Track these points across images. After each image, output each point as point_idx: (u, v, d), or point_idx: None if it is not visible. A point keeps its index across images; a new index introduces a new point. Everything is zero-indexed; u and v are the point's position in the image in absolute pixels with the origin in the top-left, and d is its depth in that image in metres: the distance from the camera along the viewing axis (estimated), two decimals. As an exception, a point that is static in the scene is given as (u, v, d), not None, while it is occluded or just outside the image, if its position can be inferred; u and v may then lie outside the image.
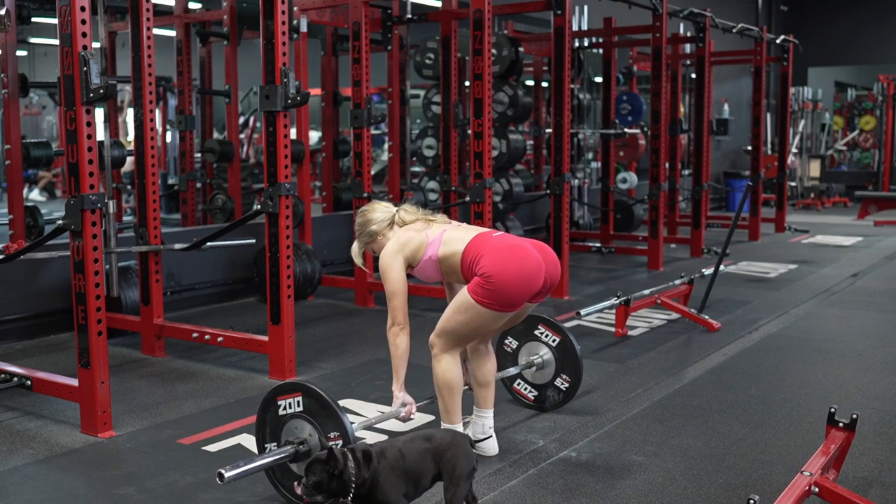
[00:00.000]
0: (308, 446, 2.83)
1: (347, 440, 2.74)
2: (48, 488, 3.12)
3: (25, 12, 6.02)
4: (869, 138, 16.58)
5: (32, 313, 5.42)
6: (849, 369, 4.69)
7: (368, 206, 3.36)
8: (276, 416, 2.91)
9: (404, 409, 3.17)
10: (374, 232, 3.29)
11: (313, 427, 2.82)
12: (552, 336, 3.78)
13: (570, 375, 3.80)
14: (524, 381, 3.92)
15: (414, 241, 3.19)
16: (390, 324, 3.14)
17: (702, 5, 9.35)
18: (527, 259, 3.06)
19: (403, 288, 3.15)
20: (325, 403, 2.80)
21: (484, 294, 3.02)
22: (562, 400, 3.85)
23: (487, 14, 5.59)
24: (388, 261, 3.17)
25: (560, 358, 3.79)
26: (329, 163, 8.20)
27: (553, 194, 6.59)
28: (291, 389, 2.87)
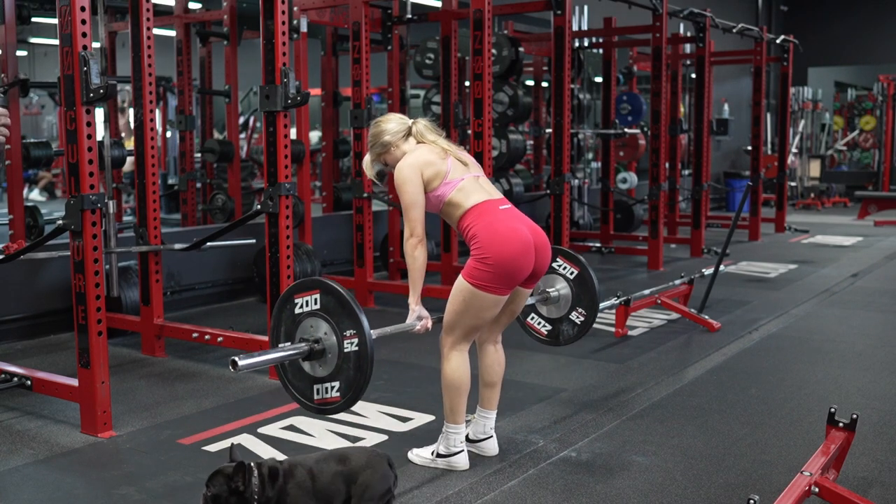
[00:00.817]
0: (323, 345, 2.80)
1: (364, 339, 2.72)
2: (48, 488, 3.12)
3: (25, 12, 6.02)
4: (869, 138, 16.58)
5: (32, 313, 5.43)
6: (849, 369, 4.69)
7: (382, 117, 3.26)
8: (293, 315, 2.87)
9: (419, 324, 3.16)
10: (388, 143, 3.21)
11: (329, 325, 2.79)
12: (570, 268, 3.71)
13: (587, 309, 3.71)
14: (538, 315, 3.84)
15: (434, 167, 3.12)
16: (408, 235, 3.09)
17: (702, 5, 9.35)
18: (519, 241, 3.05)
19: (421, 200, 3.10)
20: (343, 301, 2.76)
21: (478, 276, 3.03)
22: (576, 334, 3.76)
23: (487, 14, 5.59)
24: (406, 173, 3.11)
25: (577, 291, 3.72)
26: (329, 163, 8.20)
27: (553, 194, 6.59)
28: (310, 287, 2.84)
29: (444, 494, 3.03)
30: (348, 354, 2.77)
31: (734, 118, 14.13)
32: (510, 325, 3.43)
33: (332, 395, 2.83)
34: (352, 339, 2.75)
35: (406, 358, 4.89)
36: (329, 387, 2.83)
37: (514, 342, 5.04)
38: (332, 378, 2.82)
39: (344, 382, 2.79)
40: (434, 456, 3.25)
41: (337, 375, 2.80)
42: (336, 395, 2.82)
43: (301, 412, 3.91)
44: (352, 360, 2.76)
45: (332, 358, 2.80)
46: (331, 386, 2.83)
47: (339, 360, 2.78)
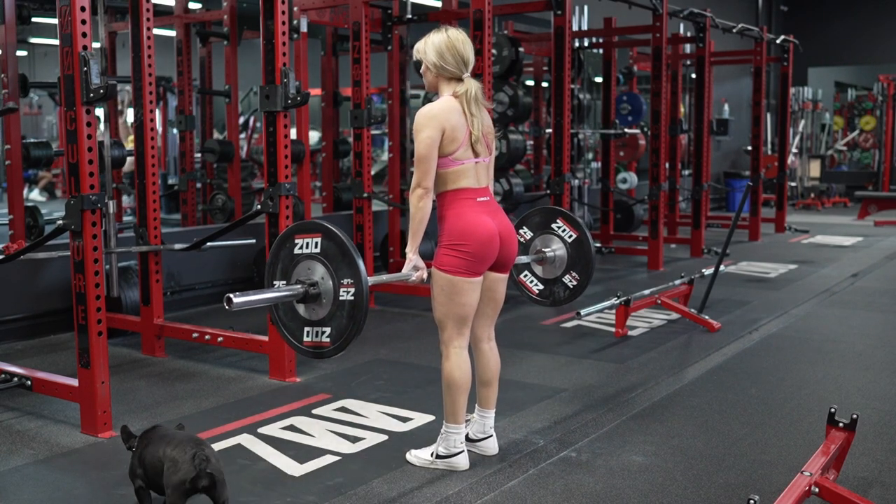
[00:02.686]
0: (318, 289, 2.80)
1: (360, 289, 2.72)
2: (48, 488, 3.12)
3: (25, 12, 6.02)
4: (869, 138, 16.58)
5: (32, 313, 5.43)
6: (849, 369, 4.69)
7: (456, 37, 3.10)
8: (291, 255, 2.87)
9: (416, 274, 3.16)
10: (437, 65, 3.10)
11: (327, 270, 2.79)
12: (569, 231, 3.71)
13: (580, 274, 3.72)
14: (532, 273, 3.84)
15: (455, 133, 3.07)
16: (415, 184, 3.06)
17: (702, 5, 9.35)
18: (482, 229, 3.08)
19: (435, 153, 3.05)
20: (344, 249, 2.76)
21: (448, 262, 3.07)
22: (567, 297, 3.76)
23: (487, 14, 5.59)
24: (428, 121, 3.04)
25: (573, 255, 3.72)
26: (329, 163, 8.20)
27: (553, 194, 6.59)
28: (312, 229, 2.83)
29: (444, 494, 3.03)
30: (343, 302, 2.77)
31: (734, 118, 14.14)
32: (508, 325, 3.43)
33: (323, 340, 2.83)
34: (348, 288, 2.75)
35: (406, 358, 4.89)
36: (320, 331, 2.83)
37: (514, 342, 5.06)
38: (325, 323, 2.82)
39: (335, 329, 2.80)
40: (434, 457, 3.25)
41: (329, 321, 2.80)
42: (326, 340, 2.82)
43: (301, 412, 3.91)
44: (346, 309, 2.76)
45: (326, 303, 2.81)
46: (321, 331, 2.83)
47: (333, 306, 2.79)
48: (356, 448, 3.48)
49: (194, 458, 2.61)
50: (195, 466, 2.59)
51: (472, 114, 3.10)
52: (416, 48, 3.17)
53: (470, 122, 3.10)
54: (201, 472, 2.59)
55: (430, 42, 3.12)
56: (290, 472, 3.25)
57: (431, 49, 3.11)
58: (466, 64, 3.12)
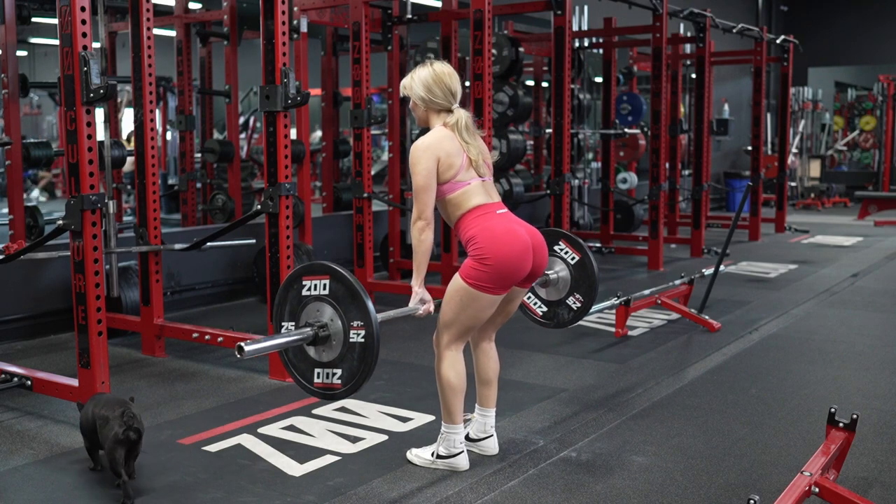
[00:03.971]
0: (328, 331, 2.79)
1: (371, 331, 2.71)
2: (48, 488, 3.12)
3: (25, 12, 6.02)
4: (869, 138, 16.58)
5: (32, 313, 5.43)
6: (849, 369, 4.69)
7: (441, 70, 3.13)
8: (299, 296, 2.85)
9: (422, 307, 3.14)
10: (424, 100, 3.15)
11: (336, 312, 2.77)
12: (572, 253, 3.70)
13: (584, 296, 3.71)
14: (535, 295, 3.83)
15: (450, 159, 3.07)
16: (416, 217, 3.06)
17: (702, 5, 9.35)
18: (518, 243, 3.05)
19: (433, 184, 3.06)
20: (353, 291, 2.74)
21: (476, 276, 3.02)
22: (571, 319, 3.75)
23: (487, 14, 5.59)
24: (421, 153, 3.06)
25: (576, 276, 3.71)
26: (329, 163, 8.19)
27: (553, 194, 6.59)
28: (320, 271, 2.82)
29: (444, 494, 3.03)
30: (353, 344, 2.75)
31: (734, 118, 14.13)
32: (508, 325, 3.43)
33: (334, 382, 2.81)
34: (359, 331, 2.73)
35: (406, 358, 4.89)
36: (331, 373, 2.81)
37: (514, 342, 5.06)
38: (335, 365, 2.80)
39: (346, 371, 2.78)
40: (434, 457, 3.25)
41: (340, 363, 2.79)
42: (337, 381, 2.80)
43: (301, 412, 3.91)
44: (356, 351, 2.75)
45: (336, 345, 2.78)
46: (332, 372, 2.81)
47: (343, 348, 2.77)
48: (356, 448, 3.48)
49: (122, 415, 2.95)
50: (124, 422, 2.94)
51: (466, 142, 3.12)
52: (403, 84, 3.20)
53: (466, 149, 3.11)
54: (130, 426, 2.95)
55: (417, 77, 3.15)
56: (290, 472, 3.25)
57: (419, 84, 3.14)
58: (454, 95, 3.15)
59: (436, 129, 3.14)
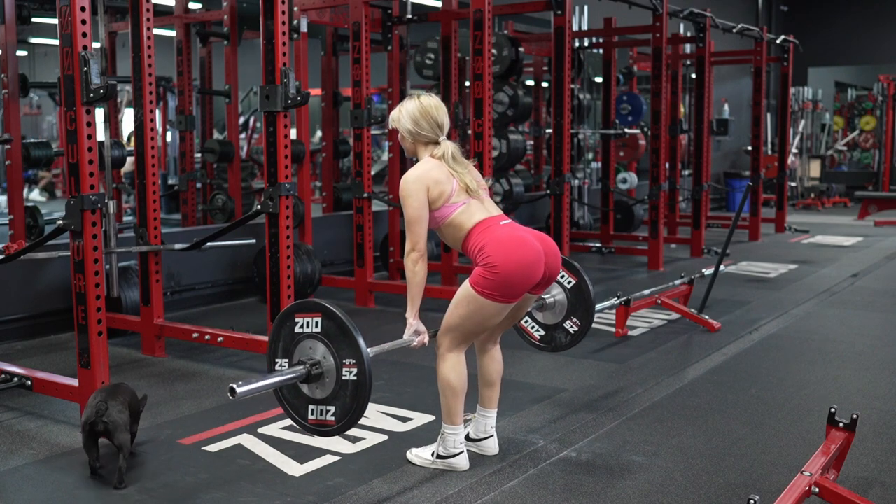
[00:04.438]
0: (321, 368, 2.79)
1: (363, 369, 2.71)
2: (48, 488, 3.12)
3: (25, 12, 6.02)
4: (869, 138, 16.58)
5: (32, 313, 5.43)
6: (849, 369, 4.69)
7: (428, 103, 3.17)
8: (292, 333, 2.86)
9: (417, 339, 3.15)
10: (412, 132, 3.18)
11: (328, 350, 2.78)
12: (568, 277, 3.70)
13: (581, 319, 3.71)
14: (532, 319, 3.83)
15: (440, 186, 3.09)
16: (409, 249, 3.08)
17: (702, 5, 9.35)
18: (528, 250, 3.04)
19: (425, 215, 3.08)
20: (344, 329, 2.75)
21: (487, 285, 3.01)
22: (569, 343, 3.76)
23: (487, 14, 5.59)
24: (413, 187, 3.08)
25: (573, 300, 3.71)
26: (329, 163, 8.19)
27: (553, 194, 6.59)
28: (312, 309, 2.82)
29: (444, 494, 3.03)
30: (346, 382, 2.75)
31: (734, 118, 14.13)
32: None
33: (328, 419, 2.82)
34: (351, 368, 2.74)
35: (406, 358, 4.89)
36: (324, 410, 2.82)
37: (514, 342, 5.04)
38: (329, 402, 2.80)
39: (340, 409, 2.78)
40: (434, 457, 3.25)
41: (333, 400, 2.79)
42: (331, 418, 2.81)
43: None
44: (349, 389, 2.75)
45: (329, 382, 2.79)
46: (326, 409, 2.81)
47: (336, 385, 2.77)
48: (356, 448, 3.48)
49: (98, 405, 3.10)
50: (95, 413, 3.09)
51: (457, 171, 3.14)
52: (392, 117, 3.24)
53: (458, 177, 3.13)
54: (98, 419, 3.09)
55: (405, 110, 3.19)
56: (290, 472, 3.25)
57: (406, 117, 3.17)
58: (441, 128, 3.18)
59: (424, 161, 3.17)
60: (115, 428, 3.13)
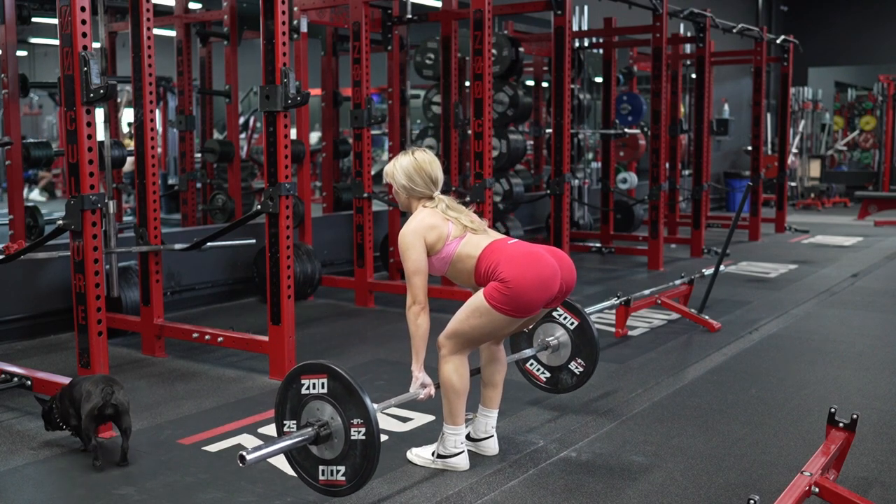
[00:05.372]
0: (329, 429, 2.79)
1: (371, 429, 2.71)
2: (48, 488, 3.12)
3: (25, 12, 6.02)
4: (869, 138, 16.58)
5: (32, 313, 5.43)
6: (849, 369, 4.69)
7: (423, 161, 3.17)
8: (298, 395, 2.86)
9: (423, 392, 3.15)
10: (406, 188, 3.19)
11: (335, 410, 2.78)
12: (570, 319, 3.72)
13: (586, 360, 3.73)
14: (538, 362, 3.86)
15: (437, 230, 3.11)
16: (410, 302, 3.09)
17: (702, 5, 9.35)
18: (544, 265, 3.04)
19: (425, 267, 3.10)
20: (350, 389, 2.75)
21: (502, 300, 3.00)
22: (574, 384, 3.78)
23: (487, 14, 5.59)
24: (410, 239, 3.10)
25: (576, 341, 3.73)
26: (329, 163, 8.20)
27: (553, 194, 6.59)
28: (317, 370, 2.82)
29: (444, 494, 3.03)
30: (355, 442, 2.75)
31: (734, 118, 14.14)
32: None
33: (338, 479, 2.81)
34: (359, 428, 2.74)
35: (406, 358, 4.86)
36: (335, 469, 2.81)
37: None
38: (338, 462, 2.80)
39: (350, 468, 2.78)
40: (434, 456, 3.26)
41: (343, 460, 2.79)
42: (342, 478, 2.80)
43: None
44: (359, 448, 2.74)
45: (338, 443, 2.79)
46: (336, 469, 2.81)
47: (345, 446, 2.77)
48: (356, 448, 3.47)
49: (103, 390, 3.24)
50: (103, 397, 3.22)
51: (452, 216, 3.14)
52: (386, 171, 3.25)
53: (455, 221, 3.13)
54: (107, 402, 3.22)
55: (399, 165, 3.19)
56: (290, 472, 3.24)
57: (400, 172, 3.18)
58: (435, 183, 3.19)
59: (419, 211, 3.18)
60: (124, 411, 3.28)
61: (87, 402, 3.23)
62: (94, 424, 3.25)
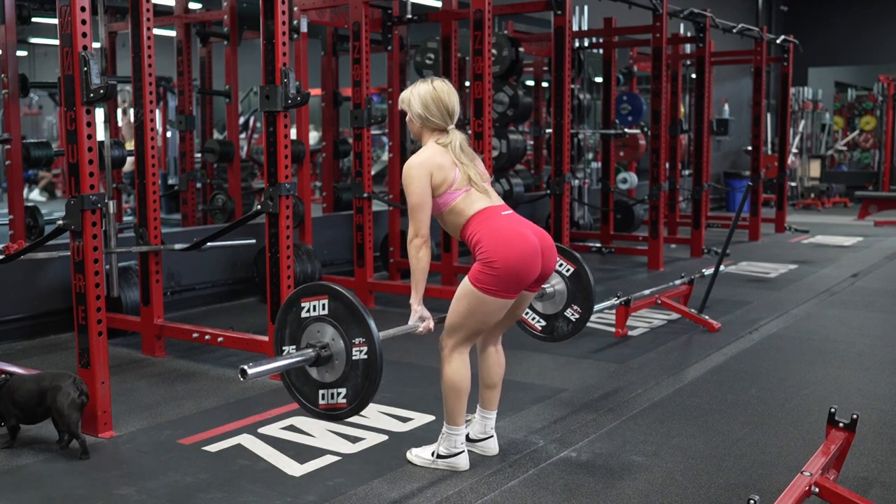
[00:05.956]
0: (330, 351, 2.78)
1: (373, 347, 2.70)
2: (48, 488, 3.12)
3: (25, 12, 6.02)
4: (869, 138, 16.58)
5: (32, 313, 5.43)
6: (849, 369, 4.69)
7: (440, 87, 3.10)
8: (298, 319, 2.84)
9: (422, 325, 3.14)
10: (421, 117, 3.12)
11: (337, 331, 2.76)
12: (566, 265, 3.69)
13: (581, 307, 3.70)
14: (533, 310, 3.82)
15: (443, 172, 3.07)
16: (412, 235, 3.06)
17: (702, 5, 9.35)
18: (525, 245, 3.03)
19: (428, 202, 3.06)
20: (352, 309, 2.73)
21: (485, 280, 3.00)
22: (570, 331, 3.75)
23: (487, 14, 5.59)
24: (415, 171, 3.05)
25: (572, 288, 3.70)
26: (329, 163, 8.20)
27: (553, 194, 6.59)
28: (317, 292, 2.80)
29: (445, 494, 3.03)
30: (357, 362, 2.74)
31: (734, 118, 14.13)
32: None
33: (339, 402, 2.80)
34: (361, 347, 2.72)
35: (406, 358, 4.89)
36: (335, 392, 2.80)
37: (513, 342, 5.04)
38: (339, 384, 2.79)
39: (351, 389, 2.77)
40: (434, 457, 3.25)
41: (344, 382, 2.78)
42: (342, 401, 2.79)
43: (301, 412, 3.91)
44: (360, 368, 2.74)
45: (339, 364, 2.78)
46: (337, 392, 2.80)
47: (346, 366, 2.76)
48: (356, 448, 3.48)
49: (74, 381, 3.39)
50: (77, 387, 3.38)
51: (462, 163, 3.11)
52: (402, 97, 3.19)
53: (462, 169, 3.10)
54: (82, 391, 3.40)
55: (416, 93, 3.14)
56: (290, 472, 3.25)
57: (416, 100, 3.13)
58: (451, 115, 3.14)
59: (428, 146, 3.14)
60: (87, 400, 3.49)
61: (64, 397, 3.33)
62: (77, 414, 3.37)
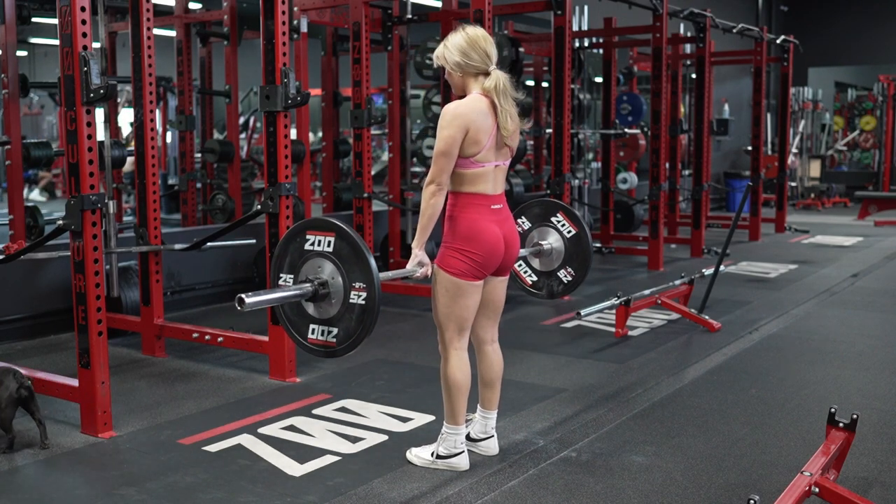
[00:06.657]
0: (328, 289, 2.76)
1: (373, 294, 2.68)
2: (48, 488, 3.12)
3: (25, 12, 6.02)
4: (869, 138, 16.58)
5: (32, 313, 5.43)
6: (849, 369, 4.69)
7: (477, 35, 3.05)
8: (301, 250, 2.82)
9: (420, 270, 3.14)
10: (461, 65, 3.06)
11: (338, 271, 2.74)
12: (568, 227, 3.68)
13: (576, 270, 3.69)
14: (527, 264, 3.81)
15: (479, 134, 3.03)
16: (430, 179, 3.03)
17: (702, 5, 9.35)
18: (488, 234, 3.08)
19: (455, 151, 3.01)
20: (357, 251, 2.71)
21: (451, 263, 3.07)
22: (561, 292, 3.73)
23: (487, 14, 5.59)
24: (451, 119, 2.99)
25: (571, 250, 3.69)
26: (329, 163, 8.19)
27: (553, 194, 6.59)
28: (326, 227, 2.78)
29: (445, 494, 3.03)
30: (353, 305, 2.72)
31: (734, 118, 14.13)
32: (509, 325, 3.43)
33: (329, 339, 2.78)
34: (360, 292, 2.70)
35: (406, 358, 4.89)
36: (326, 330, 2.78)
37: (514, 342, 5.06)
38: (332, 323, 2.77)
39: (343, 331, 2.75)
40: (434, 457, 3.25)
41: (337, 322, 2.76)
42: (332, 340, 2.77)
43: (301, 412, 3.91)
44: (356, 312, 2.72)
45: (335, 304, 2.76)
46: (328, 330, 2.78)
47: (342, 307, 2.74)
48: (356, 448, 3.48)
49: (15, 375, 3.43)
50: (17, 381, 3.41)
51: (501, 106, 3.05)
52: (436, 54, 3.14)
53: (500, 114, 3.05)
54: (21, 384, 3.41)
55: (451, 44, 3.09)
56: (290, 472, 3.25)
57: (454, 49, 3.07)
58: (490, 57, 3.09)
59: (472, 97, 3.08)
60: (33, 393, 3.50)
61: (2, 390, 3.39)
62: (13, 409, 3.41)
